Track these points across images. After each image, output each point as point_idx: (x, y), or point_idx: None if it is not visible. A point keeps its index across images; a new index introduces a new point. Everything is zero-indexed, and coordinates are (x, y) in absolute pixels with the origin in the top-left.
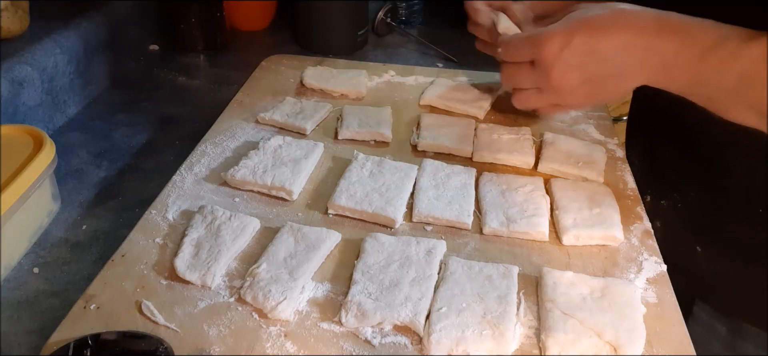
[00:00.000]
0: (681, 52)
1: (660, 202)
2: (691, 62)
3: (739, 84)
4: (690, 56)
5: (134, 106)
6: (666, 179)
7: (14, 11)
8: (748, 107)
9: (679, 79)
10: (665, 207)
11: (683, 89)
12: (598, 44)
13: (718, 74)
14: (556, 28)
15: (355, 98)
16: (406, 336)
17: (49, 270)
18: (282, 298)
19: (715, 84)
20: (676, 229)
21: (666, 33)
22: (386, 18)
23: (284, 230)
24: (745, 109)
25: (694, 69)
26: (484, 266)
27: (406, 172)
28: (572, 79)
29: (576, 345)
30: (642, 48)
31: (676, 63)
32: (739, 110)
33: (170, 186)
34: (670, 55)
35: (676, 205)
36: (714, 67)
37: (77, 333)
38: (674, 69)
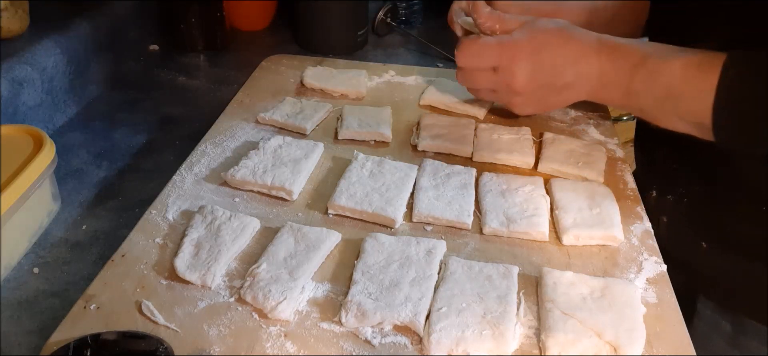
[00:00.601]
0: (615, 66)
1: (666, 197)
2: (624, 76)
3: (666, 95)
4: (623, 70)
5: (134, 106)
6: (672, 174)
7: (14, 11)
8: (678, 117)
9: (615, 92)
10: (671, 202)
11: (619, 101)
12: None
13: (647, 86)
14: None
15: (355, 98)
16: (406, 336)
17: (49, 270)
18: (282, 298)
19: (645, 96)
20: (682, 224)
21: (604, 51)
22: (386, 18)
23: (284, 230)
24: (675, 118)
25: (627, 83)
26: (484, 266)
27: (406, 172)
28: (531, 84)
29: (576, 345)
30: (588, 63)
31: (612, 77)
32: (669, 119)
33: (170, 186)
34: (607, 70)
35: (682, 200)
36: (643, 80)
37: (77, 333)
38: (610, 83)
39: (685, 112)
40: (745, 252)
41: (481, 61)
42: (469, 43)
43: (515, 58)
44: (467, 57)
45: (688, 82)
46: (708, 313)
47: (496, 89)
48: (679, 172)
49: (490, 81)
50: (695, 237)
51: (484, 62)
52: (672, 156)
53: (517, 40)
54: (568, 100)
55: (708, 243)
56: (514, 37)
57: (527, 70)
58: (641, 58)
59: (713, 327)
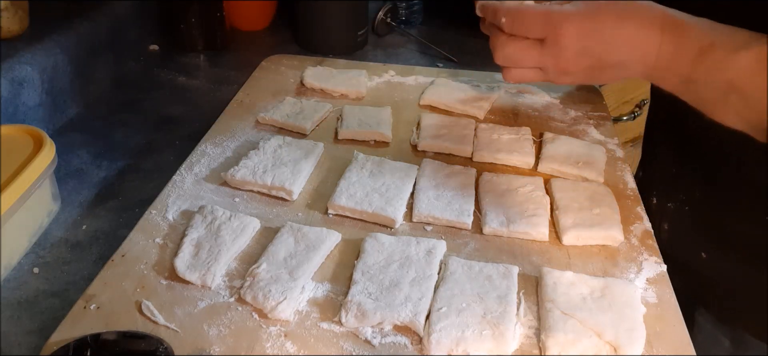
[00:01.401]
0: (678, 50)
1: (667, 204)
2: (685, 62)
3: (728, 90)
4: (686, 55)
5: (134, 106)
6: (674, 179)
7: (14, 11)
8: (736, 114)
9: (672, 77)
10: (672, 209)
11: (675, 87)
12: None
13: (708, 77)
14: (575, 9)
15: (355, 98)
16: (406, 336)
17: (49, 270)
18: (282, 298)
19: (706, 87)
20: (682, 232)
21: (668, 29)
22: (386, 18)
23: (284, 230)
24: (734, 115)
25: (688, 69)
26: (484, 266)
27: (406, 172)
28: (582, 63)
29: (576, 345)
30: (645, 40)
31: (672, 60)
32: (727, 115)
33: (170, 186)
34: (667, 52)
35: (683, 208)
36: (706, 70)
37: (77, 333)
38: (669, 66)
39: (746, 110)
40: (746, 262)
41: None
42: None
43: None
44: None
45: (756, 78)
46: (708, 327)
47: (544, 67)
48: (681, 178)
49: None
50: (695, 245)
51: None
52: (675, 161)
53: (568, 12)
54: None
55: (708, 252)
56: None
57: (577, 47)
58: (708, 45)
59: (713, 341)
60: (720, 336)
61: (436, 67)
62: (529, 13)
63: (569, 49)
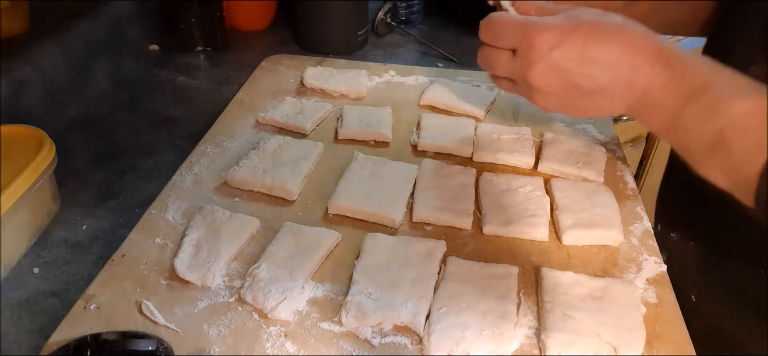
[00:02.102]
0: (669, 85)
1: (670, 234)
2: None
3: (716, 140)
4: (675, 96)
5: (134, 106)
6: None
7: (14, 11)
8: (721, 169)
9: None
10: (674, 240)
11: (661, 128)
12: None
13: (697, 122)
14: (551, 22)
15: (355, 98)
16: (406, 336)
17: (49, 270)
18: (282, 298)
19: (692, 134)
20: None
21: (660, 61)
22: (386, 18)
23: (284, 230)
24: (719, 170)
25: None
26: (484, 266)
27: (406, 172)
28: (552, 83)
29: (576, 345)
30: (631, 69)
31: (660, 95)
32: (712, 170)
33: (170, 186)
34: (656, 85)
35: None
36: (694, 116)
37: (77, 333)
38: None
39: (733, 167)
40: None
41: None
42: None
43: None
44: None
45: (746, 132)
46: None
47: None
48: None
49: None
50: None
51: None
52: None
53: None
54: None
55: (697, 296)
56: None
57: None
58: (702, 86)
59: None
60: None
61: (436, 67)
62: (502, 21)
63: (539, 63)
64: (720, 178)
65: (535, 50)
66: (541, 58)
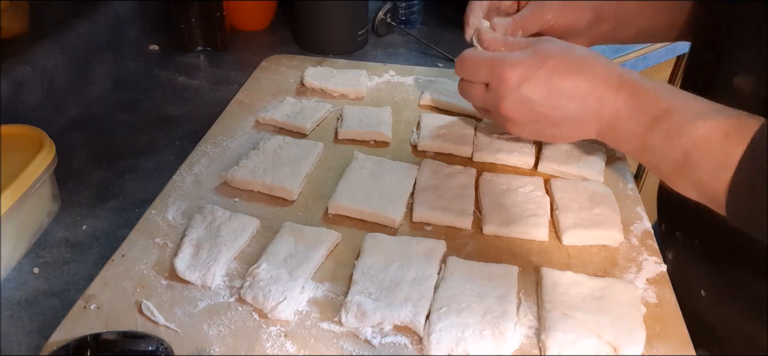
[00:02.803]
0: (632, 115)
1: (675, 233)
2: (640, 128)
3: (683, 161)
4: (641, 121)
5: (134, 106)
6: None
7: (14, 11)
8: (691, 185)
9: (629, 141)
10: (680, 239)
11: (633, 152)
12: (557, 87)
13: (663, 146)
14: (519, 58)
15: (355, 98)
16: (406, 336)
17: (49, 270)
18: (282, 298)
19: (660, 155)
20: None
21: (623, 90)
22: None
23: (284, 230)
24: (688, 186)
25: (643, 135)
26: (484, 266)
27: (406, 172)
28: (522, 113)
29: (576, 345)
30: (597, 100)
31: (627, 123)
32: (683, 185)
33: (170, 186)
34: (622, 114)
35: (693, 240)
36: (661, 138)
37: (77, 333)
38: (624, 129)
39: (700, 183)
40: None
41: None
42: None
43: (505, 79)
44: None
45: (709, 152)
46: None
47: (488, 109)
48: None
49: (481, 99)
50: (697, 281)
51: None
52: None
53: (513, 60)
54: (572, 136)
55: (707, 291)
56: (512, 56)
57: (516, 95)
58: (664, 111)
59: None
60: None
61: (436, 67)
62: (473, 58)
63: (508, 96)
64: (691, 193)
65: (505, 84)
66: (510, 92)
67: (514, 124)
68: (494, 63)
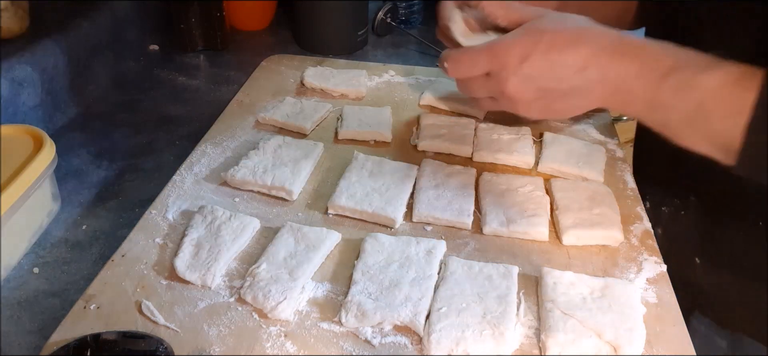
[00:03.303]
0: (640, 74)
1: (661, 209)
2: (649, 86)
3: (695, 112)
4: (649, 80)
5: (134, 106)
6: (669, 185)
7: (14, 11)
8: (703, 136)
9: (636, 102)
10: (667, 214)
11: (639, 113)
12: (557, 60)
13: (674, 100)
14: (515, 38)
15: (355, 98)
16: (406, 336)
17: (49, 270)
18: (282, 298)
19: (672, 110)
20: (677, 237)
21: (627, 55)
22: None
23: (284, 230)
24: (700, 137)
25: (652, 93)
26: (484, 266)
27: (406, 172)
28: (528, 91)
29: (576, 345)
30: (600, 67)
31: (634, 85)
32: (694, 138)
33: (170, 186)
34: (629, 78)
35: (679, 213)
36: (671, 93)
37: (77, 333)
38: (632, 91)
39: (714, 133)
40: (740, 269)
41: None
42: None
43: (506, 63)
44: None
45: (723, 99)
46: (703, 330)
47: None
48: (676, 184)
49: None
50: (690, 250)
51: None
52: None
53: (508, 42)
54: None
55: (702, 258)
56: (505, 39)
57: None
58: (671, 68)
59: (709, 343)
60: (716, 338)
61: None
62: (467, 55)
63: (513, 77)
64: (702, 145)
65: (507, 66)
66: (513, 72)
67: (522, 104)
68: (491, 49)
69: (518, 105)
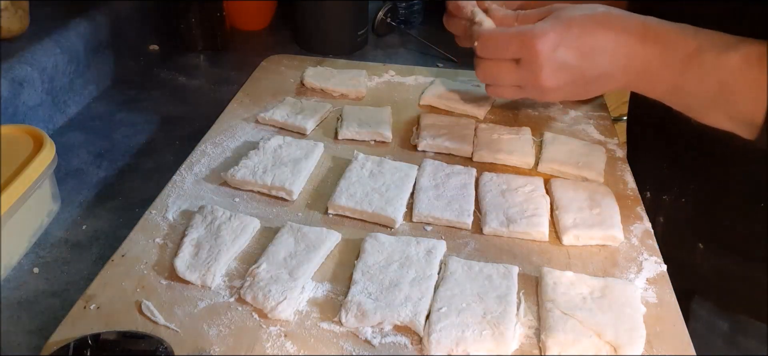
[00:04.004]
0: (664, 58)
1: (662, 198)
2: (673, 69)
3: (719, 92)
4: (672, 62)
5: (134, 106)
6: (668, 174)
7: (14, 11)
8: (726, 114)
9: (660, 85)
10: (667, 203)
11: (663, 95)
12: (588, 44)
13: (698, 82)
14: (547, 26)
15: (355, 98)
16: (406, 336)
17: (49, 270)
18: (282, 298)
19: (695, 91)
20: (678, 225)
21: (650, 38)
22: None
23: (284, 230)
24: (723, 116)
25: (676, 76)
26: (484, 266)
27: (406, 172)
28: (561, 79)
29: (576, 345)
30: (626, 51)
31: (658, 69)
32: (717, 117)
33: (170, 186)
34: (653, 61)
35: (679, 200)
36: (695, 75)
37: (77, 333)
38: (656, 75)
39: (737, 111)
40: (743, 252)
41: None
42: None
43: (539, 51)
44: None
45: (746, 77)
46: (705, 314)
47: (522, 85)
48: (674, 173)
49: (513, 75)
50: (692, 238)
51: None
52: (667, 155)
53: (541, 29)
54: (604, 88)
55: (705, 243)
56: (536, 27)
57: (553, 63)
58: (695, 50)
59: (710, 327)
60: (718, 322)
61: (436, 67)
62: (500, 36)
63: (547, 66)
64: (725, 123)
65: (541, 55)
66: (547, 61)
67: (552, 91)
68: (524, 36)
69: (548, 93)
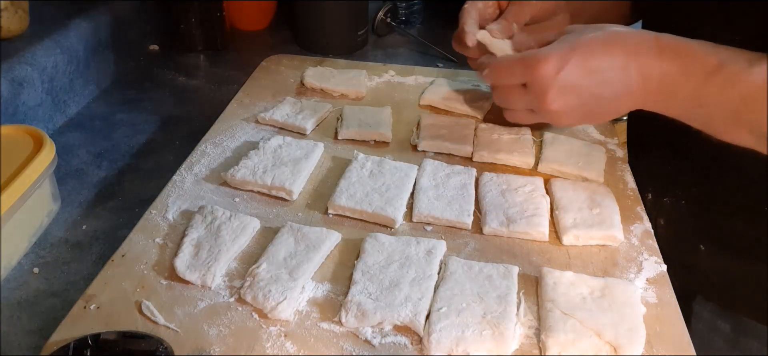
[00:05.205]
0: (685, 72)
1: (663, 199)
2: (693, 85)
3: (740, 107)
4: (693, 79)
5: (134, 106)
6: (669, 175)
7: (14, 11)
8: (748, 130)
9: (678, 101)
10: (668, 204)
11: (681, 113)
12: (595, 65)
13: (719, 98)
14: (551, 50)
15: (355, 98)
16: (406, 336)
17: (49, 270)
18: (282, 298)
19: (715, 107)
20: (679, 226)
21: (667, 55)
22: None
23: (284, 230)
24: (745, 131)
25: (696, 92)
26: (484, 266)
27: (406, 172)
28: (568, 102)
29: (576, 345)
30: (641, 67)
31: (678, 82)
32: (739, 133)
33: (170, 187)
34: (672, 74)
35: (680, 202)
36: (716, 91)
37: (77, 333)
38: (676, 88)
39: (757, 127)
40: (745, 253)
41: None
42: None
43: (542, 74)
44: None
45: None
46: (706, 314)
47: (533, 109)
48: (675, 174)
49: (522, 99)
50: (694, 239)
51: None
52: (668, 158)
53: (544, 53)
54: (619, 109)
55: (706, 245)
56: (541, 51)
57: (558, 86)
58: (716, 66)
59: (712, 328)
60: (719, 323)
61: (436, 67)
62: (505, 63)
63: (551, 89)
64: (747, 139)
65: (544, 78)
66: (551, 84)
67: (563, 115)
68: (527, 61)
69: (560, 117)
